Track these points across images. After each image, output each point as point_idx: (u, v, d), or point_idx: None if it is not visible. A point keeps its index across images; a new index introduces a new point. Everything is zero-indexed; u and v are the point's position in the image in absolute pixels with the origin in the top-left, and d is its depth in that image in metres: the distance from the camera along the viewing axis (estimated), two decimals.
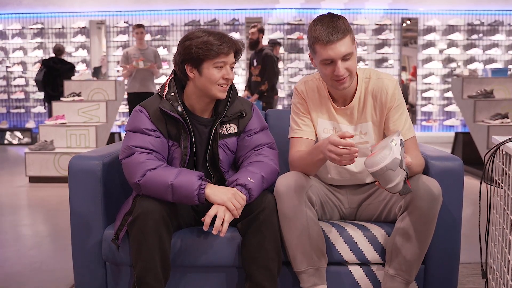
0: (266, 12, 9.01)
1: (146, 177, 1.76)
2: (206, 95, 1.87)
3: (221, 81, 1.84)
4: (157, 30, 9.05)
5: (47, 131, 5.61)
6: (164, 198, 1.75)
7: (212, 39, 1.80)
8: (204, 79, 1.83)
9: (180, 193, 1.73)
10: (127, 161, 1.81)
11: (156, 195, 1.76)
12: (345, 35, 1.75)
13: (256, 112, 2.02)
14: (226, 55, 1.82)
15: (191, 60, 1.82)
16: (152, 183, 1.75)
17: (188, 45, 1.81)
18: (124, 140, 1.87)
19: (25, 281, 2.50)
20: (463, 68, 8.54)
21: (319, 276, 1.82)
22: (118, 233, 1.81)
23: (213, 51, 1.79)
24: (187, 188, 1.73)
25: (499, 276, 1.71)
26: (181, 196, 1.74)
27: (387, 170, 1.55)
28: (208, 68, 1.82)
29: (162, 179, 1.74)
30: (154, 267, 1.70)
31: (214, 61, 1.81)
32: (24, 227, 3.59)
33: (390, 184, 1.58)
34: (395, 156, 1.55)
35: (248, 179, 1.80)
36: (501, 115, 5.37)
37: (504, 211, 1.64)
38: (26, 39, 9.24)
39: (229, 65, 1.85)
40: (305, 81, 1.99)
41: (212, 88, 1.84)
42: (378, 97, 1.90)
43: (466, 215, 3.64)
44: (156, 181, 1.74)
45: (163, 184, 1.73)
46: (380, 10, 8.97)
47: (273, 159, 1.96)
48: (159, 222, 1.70)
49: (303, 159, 1.85)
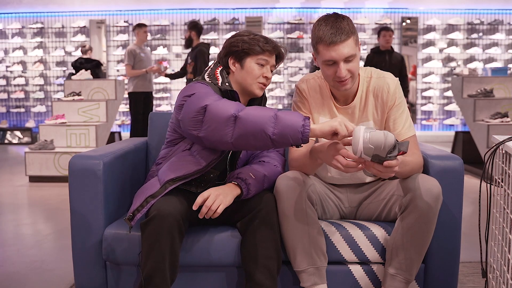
0: (266, 11, 9.01)
1: (242, 113, 1.64)
2: (245, 90, 1.95)
3: (261, 79, 1.93)
4: (157, 30, 9.05)
5: (47, 130, 5.61)
6: (260, 136, 1.62)
7: (259, 37, 1.93)
8: (245, 73, 1.92)
9: (283, 124, 1.59)
10: (213, 105, 1.69)
11: (254, 128, 1.62)
12: (348, 36, 1.75)
13: None
14: (270, 54, 1.93)
15: (236, 53, 1.93)
16: (251, 118, 1.62)
17: (235, 40, 1.94)
18: (190, 103, 1.77)
19: (25, 281, 2.50)
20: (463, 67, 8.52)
21: (319, 275, 1.82)
22: (135, 213, 1.76)
23: (259, 47, 1.91)
24: (292, 121, 1.59)
25: (499, 275, 1.71)
26: (285, 130, 1.58)
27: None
28: (251, 62, 1.92)
29: (262, 114, 1.63)
30: (163, 269, 1.69)
31: (258, 57, 1.92)
32: (24, 227, 3.59)
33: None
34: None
35: (250, 174, 1.82)
36: (501, 114, 5.37)
37: (504, 210, 1.64)
38: (26, 38, 9.24)
39: (270, 66, 1.94)
40: (306, 80, 1.99)
41: (252, 83, 1.93)
42: (379, 95, 1.90)
43: (466, 214, 3.64)
44: (256, 115, 1.63)
45: (264, 116, 1.62)
46: (380, 9, 8.97)
47: (279, 161, 2.01)
48: (174, 226, 1.68)
49: (300, 160, 1.85)
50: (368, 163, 1.57)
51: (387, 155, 1.53)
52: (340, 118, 1.63)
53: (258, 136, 1.63)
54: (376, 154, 1.52)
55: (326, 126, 1.61)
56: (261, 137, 1.63)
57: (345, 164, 1.59)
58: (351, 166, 1.59)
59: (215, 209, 1.73)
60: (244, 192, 1.79)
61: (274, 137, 1.61)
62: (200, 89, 1.82)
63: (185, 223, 1.75)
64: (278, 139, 1.61)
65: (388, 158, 1.53)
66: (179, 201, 1.75)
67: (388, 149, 1.52)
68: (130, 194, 2.12)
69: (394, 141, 1.54)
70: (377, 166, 1.55)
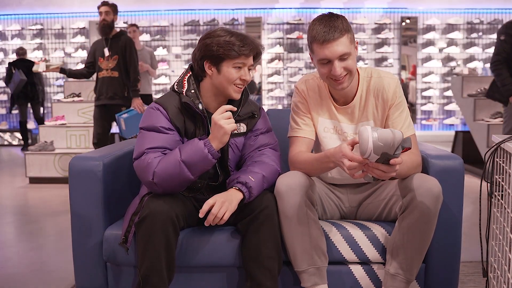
0: (265, 11, 9.01)
1: (156, 174, 1.75)
2: (222, 93, 1.90)
3: (238, 81, 1.86)
4: (157, 30, 9.05)
5: (47, 132, 5.62)
6: (186, 182, 1.76)
7: (235, 40, 1.82)
8: (222, 77, 1.85)
9: (194, 163, 1.73)
10: (137, 163, 1.82)
11: (175, 183, 1.76)
12: (342, 34, 1.75)
13: (263, 113, 2.05)
14: (246, 57, 1.85)
15: (212, 58, 1.84)
16: (165, 175, 1.74)
17: (210, 42, 1.83)
18: (138, 138, 1.87)
19: (26, 282, 2.50)
20: (463, 67, 8.52)
21: (320, 276, 1.82)
22: (126, 235, 1.80)
23: (234, 51, 1.81)
24: (197, 154, 1.73)
25: (500, 274, 1.71)
26: (198, 164, 1.74)
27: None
28: (228, 67, 1.84)
29: (171, 166, 1.73)
30: (160, 268, 1.70)
31: (234, 61, 1.83)
32: (25, 228, 3.59)
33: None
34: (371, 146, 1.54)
35: (249, 177, 1.81)
36: (501, 113, 5.36)
37: (505, 209, 1.64)
38: (26, 39, 9.23)
39: (247, 67, 1.88)
40: (305, 80, 1.99)
41: (228, 87, 1.86)
42: (379, 95, 1.90)
43: (467, 214, 3.64)
44: (168, 171, 1.74)
45: (175, 168, 1.73)
46: (380, 9, 8.97)
47: (275, 159, 1.97)
48: (167, 223, 1.69)
49: (309, 163, 1.83)
50: (372, 164, 1.56)
51: (394, 152, 1.54)
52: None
53: (183, 183, 1.78)
54: (385, 152, 1.52)
55: (217, 134, 1.74)
56: (185, 180, 1.77)
57: (348, 166, 1.59)
58: (353, 168, 1.59)
59: (221, 216, 1.75)
60: (246, 196, 1.79)
61: (194, 176, 1.77)
62: (147, 122, 1.86)
63: (180, 221, 1.76)
64: (197, 172, 1.76)
65: (394, 156, 1.54)
66: (172, 199, 1.77)
67: (397, 146, 1.53)
68: (130, 195, 2.12)
69: (402, 136, 1.54)
70: (381, 166, 1.55)
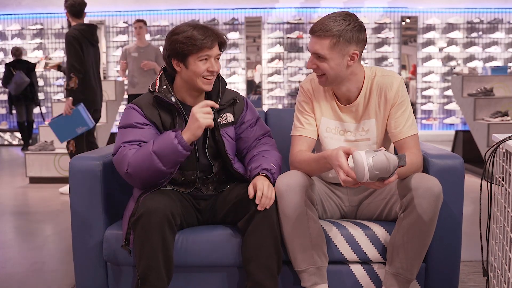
0: (265, 11, 9.00)
1: (130, 164, 1.78)
2: (193, 88, 1.92)
3: (205, 73, 1.87)
4: (157, 30, 9.05)
5: (47, 131, 5.61)
6: (159, 172, 1.78)
7: (196, 34, 1.83)
8: (190, 72, 1.87)
9: (165, 154, 1.75)
10: (115, 157, 1.85)
11: (149, 174, 1.78)
12: (325, 36, 1.77)
13: (249, 103, 2.09)
14: (209, 49, 1.85)
15: (177, 55, 1.87)
16: (138, 165, 1.77)
17: (173, 40, 1.86)
18: (116, 136, 1.91)
19: (26, 282, 2.50)
20: (463, 66, 8.52)
21: (320, 275, 1.82)
22: (127, 237, 1.81)
23: (196, 45, 1.83)
24: (167, 145, 1.75)
25: (500, 274, 1.71)
26: (169, 156, 1.76)
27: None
28: (194, 61, 1.85)
29: (143, 156, 1.77)
30: (157, 266, 1.70)
31: (198, 55, 1.85)
32: (25, 228, 3.59)
33: None
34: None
35: (271, 164, 1.90)
36: (501, 113, 5.37)
37: (505, 209, 1.64)
38: (26, 39, 9.23)
39: (214, 58, 1.88)
40: (311, 79, 1.99)
41: (197, 80, 1.88)
42: (382, 93, 1.90)
43: (467, 213, 3.64)
44: (140, 161, 1.77)
45: (146, 159, 1.76)
46: (380, 9, 8.96)
47: (275, 146, 2.06)
48: (163, 221, 1.70)
49: (308, 163, 1.85)
50: (368, 182, 1.60)
51: (390, 175, 1.59)
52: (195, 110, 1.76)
53: (156, 173, 1.79)
54: (381, 177, 1.57)
55: (192, 126, 1.77)
56: (157, 171, 1.78)
57: (343, 180, 1.62)
58: (348, 182, 1.62)
59: (271, 196, 1.78)
60: (272, 182, 1.85)
61: (166, 167, 1.78)
62: (123, 121, 1.91)
63: (176, 219, 1.76)
64: (169, 163, 1.77)
65: (389, 177, 1.59)
66: (168, 197, 1.78)
67: (393, 171, 1.57)
68: (130, 195, 2.11)
69: (397, 161, 1.58)
70: (377, 183, 1.60)
